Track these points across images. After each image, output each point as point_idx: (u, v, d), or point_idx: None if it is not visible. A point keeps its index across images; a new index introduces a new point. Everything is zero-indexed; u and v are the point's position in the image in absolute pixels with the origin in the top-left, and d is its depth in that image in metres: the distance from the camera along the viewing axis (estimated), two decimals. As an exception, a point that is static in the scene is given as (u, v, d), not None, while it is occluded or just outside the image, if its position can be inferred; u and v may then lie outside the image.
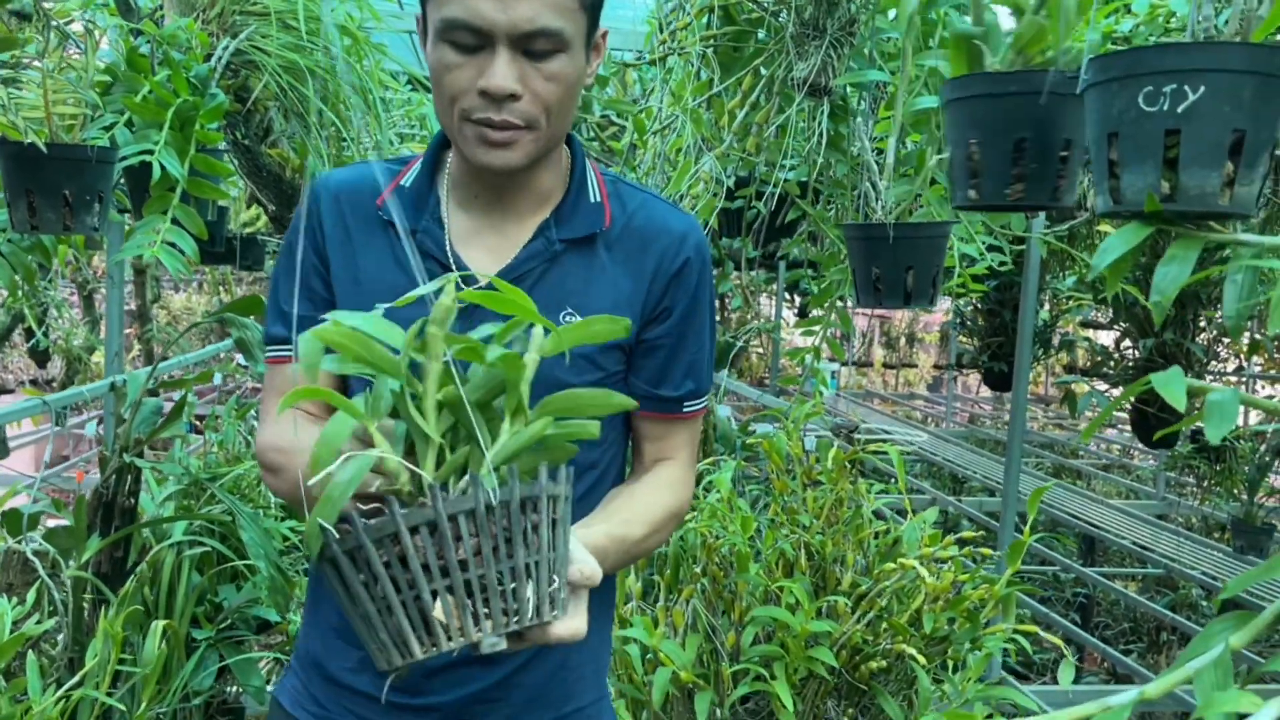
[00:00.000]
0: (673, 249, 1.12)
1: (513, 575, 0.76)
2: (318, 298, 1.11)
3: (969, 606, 1.69)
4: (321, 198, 1.12)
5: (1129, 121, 0.83)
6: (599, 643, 1.19)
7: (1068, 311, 4.45)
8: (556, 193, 1.13)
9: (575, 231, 1.11)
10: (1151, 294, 0.78)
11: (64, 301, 4.13)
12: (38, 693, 1.37)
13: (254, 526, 1.68)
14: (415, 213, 1.11)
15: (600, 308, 1.10)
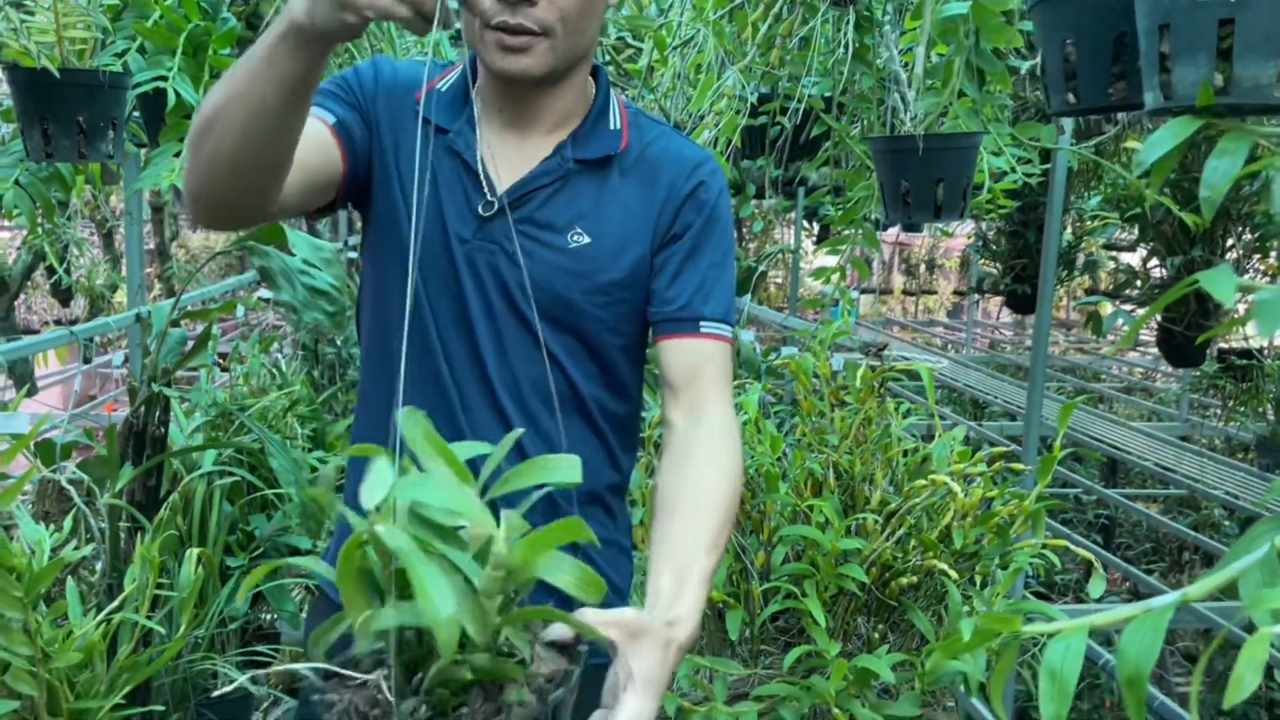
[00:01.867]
0: (686, 173, 1.14)
1: None
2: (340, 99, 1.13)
3: (998, 522, 1.69)
4: (381, 73, 1.15)
5: (1181, 11, 0.80)
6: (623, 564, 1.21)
7: (1092, 233, 4.38)
8: (577, 116, 1.15)
9: (590, 153, 1.13)
10: (1201, 189, 0.75)
11: (84, 240, 4.14)
12: (78, 616, 1.39)
13: (283, 454, 1.69)
14: (450, 116, 1.13)
15: (611, 229, 1.12)
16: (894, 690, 1.68)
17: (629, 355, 1.18)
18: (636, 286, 1.14)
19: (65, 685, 1.32)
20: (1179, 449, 5.15)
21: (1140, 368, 7.93)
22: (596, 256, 1.11)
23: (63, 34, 1.41)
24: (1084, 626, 0.75)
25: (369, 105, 1.14)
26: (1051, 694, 0.73)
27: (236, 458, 2.30)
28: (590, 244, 1.11)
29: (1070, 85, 1.06)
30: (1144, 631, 0.72)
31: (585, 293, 1.11)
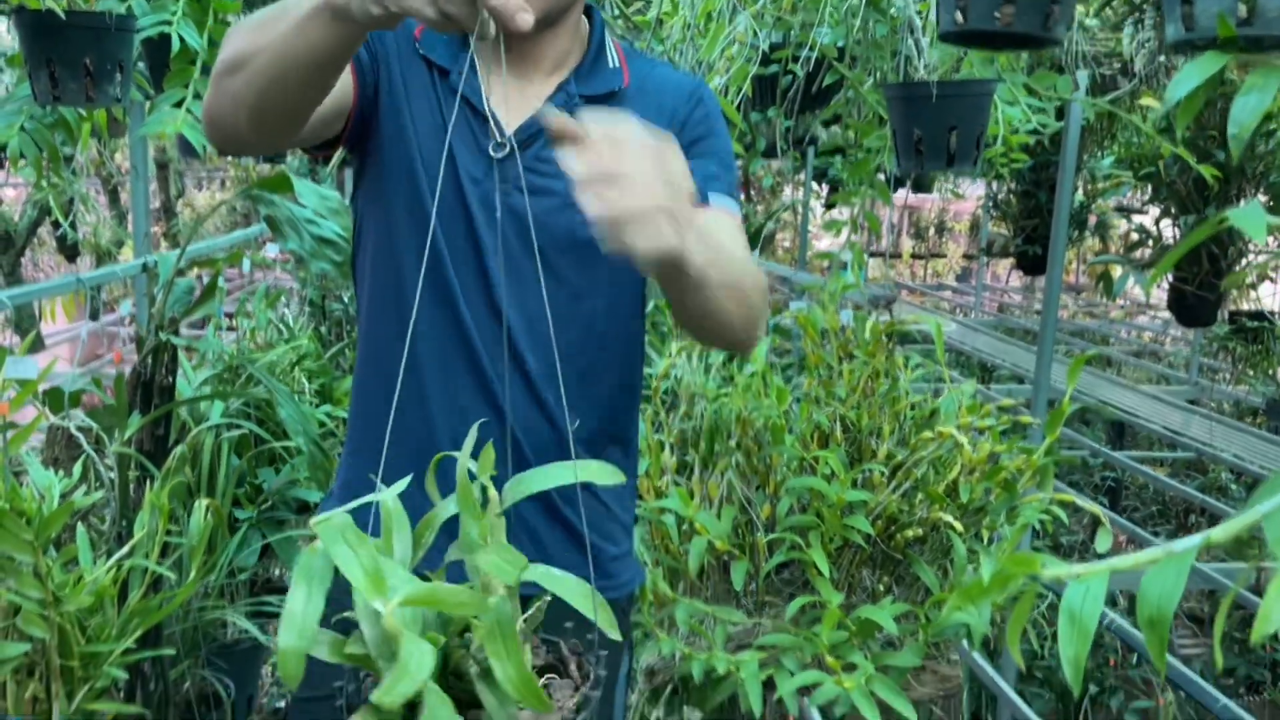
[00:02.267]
0: (684, 101, 1.18)
1: None
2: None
3: (1005, 477, 1.69)
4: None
5: (1204, -58, 0.78)
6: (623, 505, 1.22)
7: (1104, 193, 4.34)
8: (575, 56, 1.17)
9: (595, 89, 1.15)
10: (1229, 126, 0.74)
11: (89, 196, 4.13)
12: (89, 562, 1.39)
13: (291, 404, 1.69)
14: (450, 57, 1.14)
15: None
16: (897, 642, 1.69)
17: (638, 281, 1.20)
18: None
19: (76, 629, 1.33)
20: (1188, 412, 5.14)
21: (1149, 331, 7.90)
22: None
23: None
24: (1105, 570, 0.75)
25: (376, 40, 1.13)
26: (1071, 636, 0.72)
27: (244, 411, 2.30)
28: None
29: (960, 4, 1.06)
30: (1166, 574, 0.71)
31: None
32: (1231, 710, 2.71)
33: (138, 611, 1.41)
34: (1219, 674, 3.85)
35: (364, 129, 1.15)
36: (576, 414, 1.15)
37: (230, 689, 2.05)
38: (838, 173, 6.49)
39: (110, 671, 1.35)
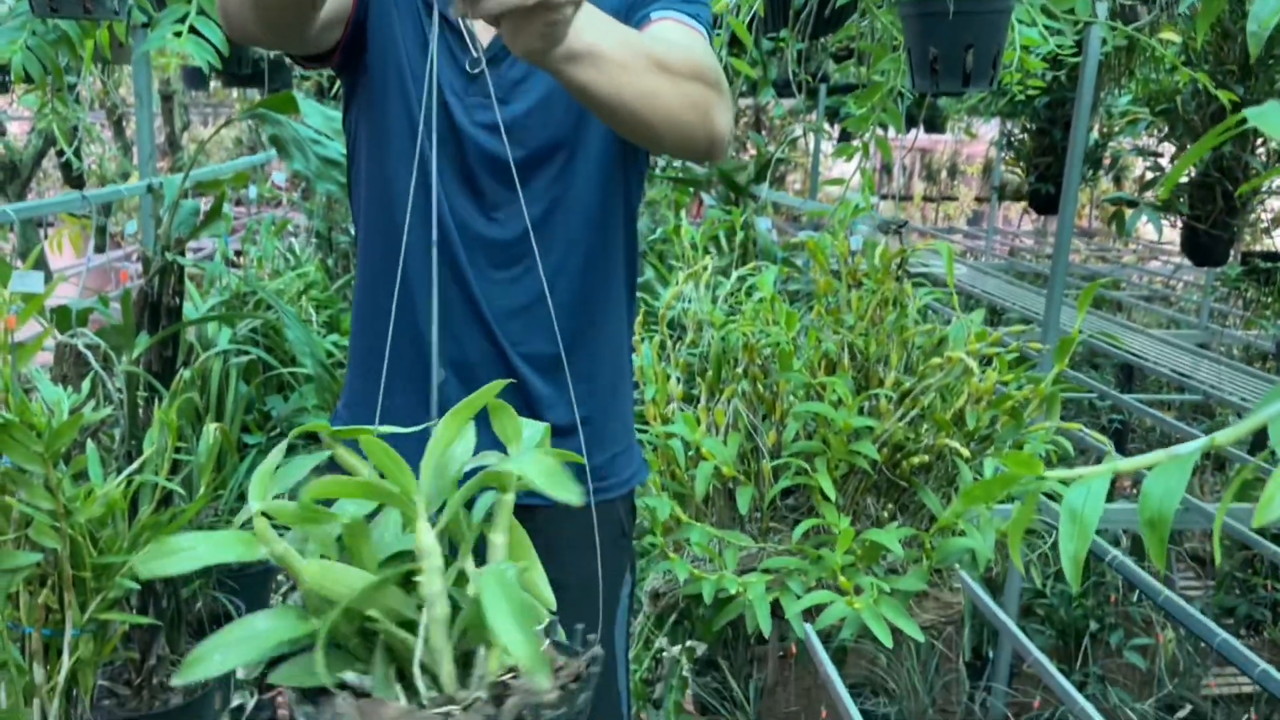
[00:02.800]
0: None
1: None
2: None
3: (1013, 406, 1.68)
4: None
5: None
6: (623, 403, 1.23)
7: (1120, 132, 4.28)
8: None
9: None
10: (1249, 23, 0.72)
11: (94, 126, 4.10)
12: (99, 477, 1.41)
13: (299, 327, 1.69)
14: None
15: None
16: (900, 568, 1.70)
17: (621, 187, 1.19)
18: None
19: (87, 541, 1.34)
20: (1197, 355, 5.13)
21: (1161, 276, 7.84)
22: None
23: (64, -120, 1.36)
24: (1108, 470, 0.75)
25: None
26: (1071, 533, 0.73)
27: (252, 337, 2.31)
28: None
29: None
30: (1169, 475, 0.71)
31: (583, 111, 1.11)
32: (1230, 645, 2.73)
33: (148, 525, 1.42)
34: (1219, 613, 3.88)
35: (358, 41, 1.15)
36: (570, 324, 1.15)
37: (241, 610, 2.08)
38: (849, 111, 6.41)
39: (122, 583, 1.37)
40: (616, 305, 1.26)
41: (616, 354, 1.28)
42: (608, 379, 1.28)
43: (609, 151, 1.17)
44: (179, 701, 1.77)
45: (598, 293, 1.22)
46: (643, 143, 1.07)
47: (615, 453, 1.25)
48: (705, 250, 1.98)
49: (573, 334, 1.20)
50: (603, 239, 1.19)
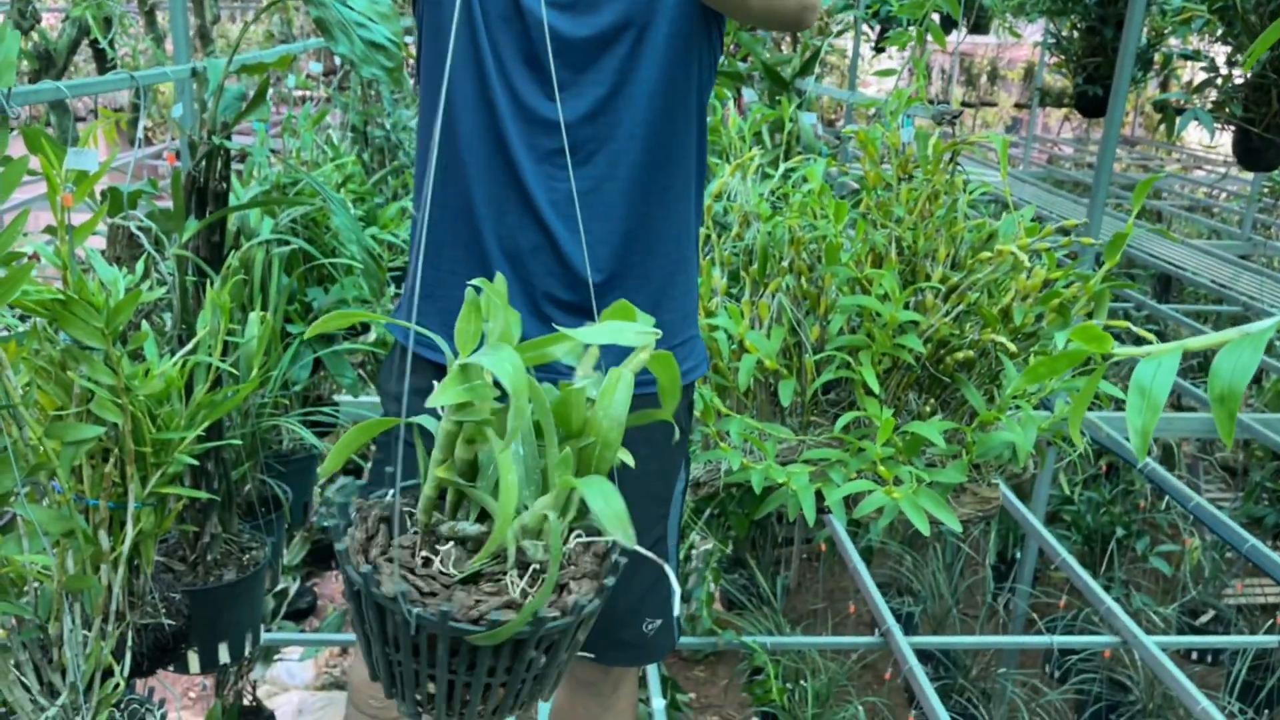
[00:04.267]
0: None
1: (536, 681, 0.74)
2: None
3: (1061, 302, 1.67)
4: None
5: None
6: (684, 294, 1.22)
7: (1174, 31, 4.14)
8: None
9: None
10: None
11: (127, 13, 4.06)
12: (155, 356, 1.43)
13: (345, 213, 1.69)
14: None
15: None
16: (941, 462, 1.71)
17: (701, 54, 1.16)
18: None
19: (147, 417, 1.37)
20: (1238, 267, 5.05)
21: (1204, 186, 7.68)
22: None
23: None
24: (1177, 348, 0.75)
25: None
26: (1140, 408, 0.73)
27: (292, 228, 2.31)
28: None
29: None
30: (1241, 351, 0.71)
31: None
32: (1260, 551, 2.75)
33: (204, 404, 1.45)
34: (1247, 522, 3.90)
35: None
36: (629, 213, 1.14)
37: (288, 494, 2.14)
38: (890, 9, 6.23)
39: (181, 458, 1.40)
40: (681, 196, 1.22)
41: (679, 245, 1.25)
42: (664, 270, 1.26)
43: (680, 33, 1.13)
44: (231, 578, 1.82)
45: (659, 182, 1.19)
46: (732, 9, 1.03)
47: (671, 345, 1.23)
48: (751, 144, 1.95)
49: (631, 224, 1.18)
50: (670, 125, 1.15)
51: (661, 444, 1.22)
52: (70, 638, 1.32)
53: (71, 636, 1.32)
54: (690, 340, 1.25)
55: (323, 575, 4.56)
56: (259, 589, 1.92)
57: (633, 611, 1.21)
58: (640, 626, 1.22)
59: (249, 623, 1.85)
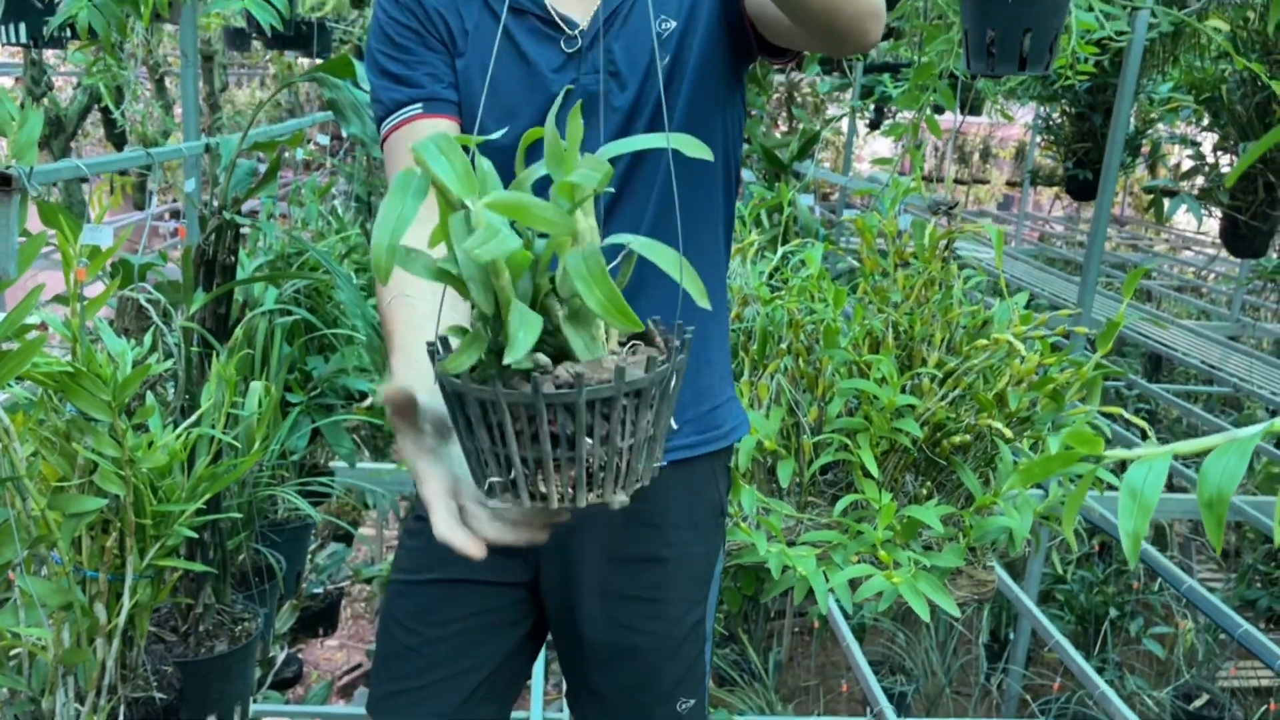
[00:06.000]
0: None
1: (647, 443, 0.75)
2: (418, 56, 1.12)
3: (1054, 388, 1.70)
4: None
5: None
6: (719, 357, 1.23)
7: (1162, 119, 4.25)
8: None
9: None
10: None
11: (139, 81, 4.13)
12: (159, 428, 1.45)
13: (350, 287, 1.72)
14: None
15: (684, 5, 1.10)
16: (936, 545, 1.72)
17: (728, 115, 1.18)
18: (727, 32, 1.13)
19: (148, 489, 1.38)
20: (1227, 348, 5.10)
21: (1193, 266, 7.79)
22: (686, 32, 1.11)
23: None
24: (1168, 452, 0.77)
25: (429, 26, 1.11)
26: (1131, 511, 0.75)
27: (295, 298, 2.34)
28: (676, 26, 1.11)
29: None
30: (1228, 457, 0.73)
31: (688, 70, 1.11)
32: (1252, 636, 2.74)
33: (205, 477, 1.46)
34: (1240, 605, 3.89)
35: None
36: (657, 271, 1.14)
37: (282, 564, 2.13)
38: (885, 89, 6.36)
39: (180, 530, 1.41)
40: (712, 251, 1.21)
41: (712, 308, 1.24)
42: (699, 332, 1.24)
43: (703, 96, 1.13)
44: (223, 649, 1.81)
45: (691, 239, 1.19)
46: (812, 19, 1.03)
47: (714, 406, 1.21)
48: (750, 226, 1.99)
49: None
50: (697, 186, 1.16)
51: (705, 525, 1.22)
52: (63, 711, 1.31)
53: (65, 710, 1.31)
54: (729, 401, 1.24)
55: (309, 642, 4.51)
56: (250, 660, 1.91)
57: (669, 693, 1.21)
58: (675, 705, 1.22)
59: (239, 694, 1.84)
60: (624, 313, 0.68)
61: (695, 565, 1.22)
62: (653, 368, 0.72)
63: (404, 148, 1.12)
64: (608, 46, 1.09)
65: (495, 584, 1.20)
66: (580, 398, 0.69)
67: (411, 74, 1.12)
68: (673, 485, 1.17)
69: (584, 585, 1.18)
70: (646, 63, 1.10)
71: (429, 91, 1.11)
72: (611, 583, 1.18)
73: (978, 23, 1.44)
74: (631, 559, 1.18)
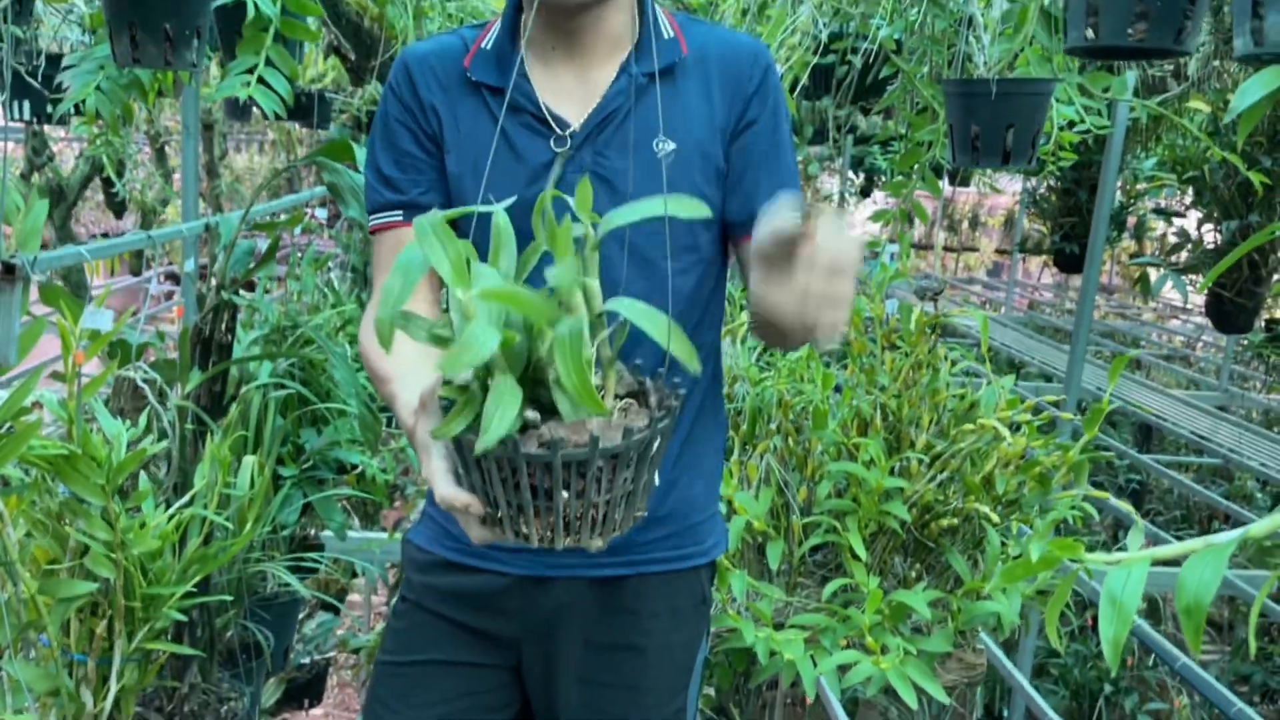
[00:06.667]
0: (748, 68, 1.16)
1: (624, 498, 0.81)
2: (410, 161, 1.17)
3: (1041, 472, 1.72)
4: (412, 68, 1.17)
5: (1280, -42, 0.80)
6: (712, 466, 1.24)
7: (1144, 195, 4.33)
8: (628, 36, 1.16)
9: (655, 64, 1.14)
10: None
11: (138, 151, 4.19)
12: (151, 508, 1.45)
13: (345, 366, 1.74)
14: (501, 73, 1.14)
15: (692, 133, 1.14)
16: (925, 628, 1.72)
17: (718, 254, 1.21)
18: (719, 182, 1.15)
19: (139, 572, 1.38)
20: (1216, 418, 5.13)
21: (1181, 336, 7.85)
22: (685, 161, 1.13)
23: (153, -60, 1.43)
24: (1146, 557, 0.78)
25: (422, 119, 1.15)
26: (1111, 618, 0.76)
27: (290, 371, 2.35)
28: (676, 149, 1.12)
29: (1091, 21, 1.06)
30: (1205, 564, 0.75)
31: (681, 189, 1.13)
32: (1246, 715, 2.73)
33: (195, 559, 1.46)
34: (1234, 680, 3.86)
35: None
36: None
37: (270, 640, 2.11)
38: (874, 161, 6.44)
39: (169, 613, 1.40)
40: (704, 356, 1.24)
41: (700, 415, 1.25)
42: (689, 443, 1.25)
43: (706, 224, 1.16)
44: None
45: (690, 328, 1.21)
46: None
47: (699, 520, 1.22)
48: (741, 306, 2.02)
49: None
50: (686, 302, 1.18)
51: (687, 613, 1.23)
52: (45, 801, 1.29)
53: (46, 799, 1.29)
54: (713, 517, 1.26)
55: (294, 714, 4.44)
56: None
57: None
58: None
59: (224, 777, 1.81)
60: (592, 398, 0.75)
61: (675, 654, 1.22)
62: (629, 436, 0.78)
63: (386, 248, 1.19)
64: (599, 150, 1.12)
65: (479, 667, 1.21)
66: (556, 459, 0.75)
67: (400, 177, 1.16)
68: (654, 591, 1.19)
69: (564, 672, 1.19)
70: (638, 177, 1.12)
71: (410, 198, 1.16)
72: (591, 670, 1.18)
73: (962, 118, 1.48)
74: (610, 646, 1.19)
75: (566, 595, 1.18)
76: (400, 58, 1.19)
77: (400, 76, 1.16)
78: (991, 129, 1.45)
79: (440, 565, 1.22)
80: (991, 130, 1.45)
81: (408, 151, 1.16)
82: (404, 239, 1.16)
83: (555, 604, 1.18)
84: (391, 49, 2.32)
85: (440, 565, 1.22)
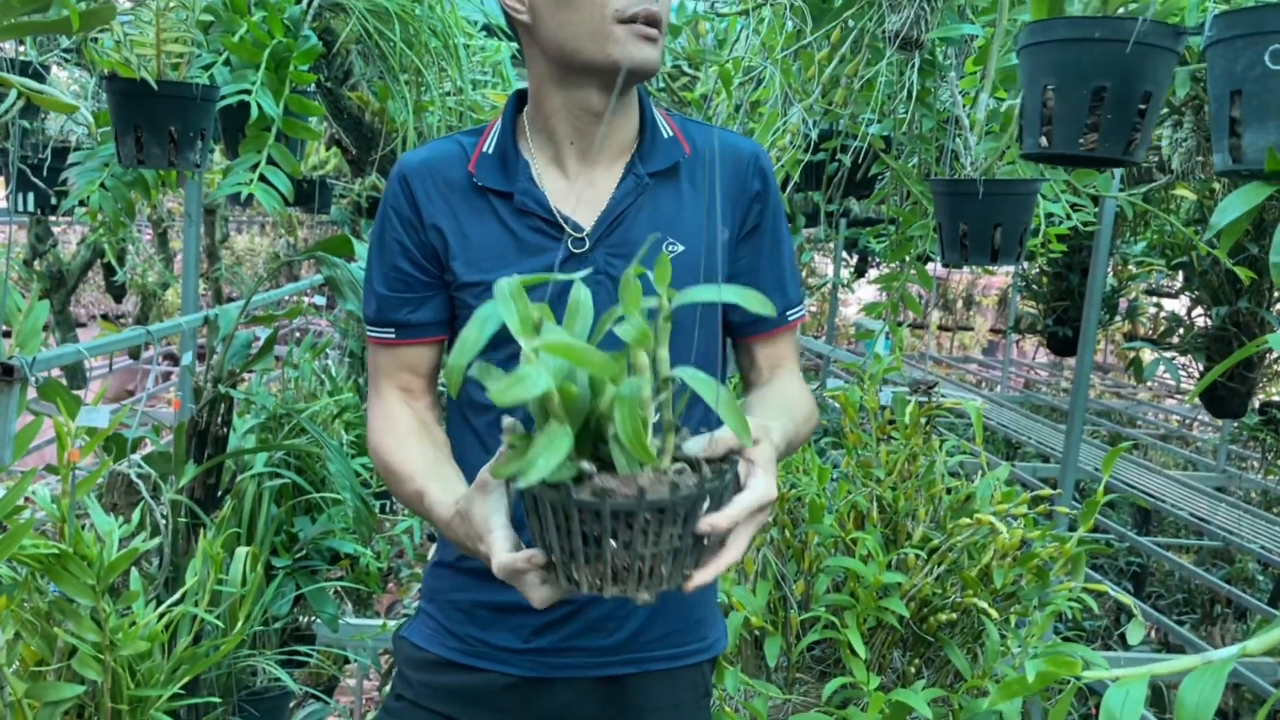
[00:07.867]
0: (749, 170, 1.20)
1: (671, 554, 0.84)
2: (403, 279, 1.17)
3: (1038, 564, 1.71)
4: (409, 178, 1.16)
5: (1253, 79, 0.83)
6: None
7: (1135, 278, 4.37)
8: (633, 137, 1.18)
9: (659, 164, 1.17)
10: (1272, 254, 0.78)
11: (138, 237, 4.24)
12: (141, 607, 1.44)
13: (340, 459, 1.74)
14: (506, 177, 1.15)
15: (698, 233, 1.15)
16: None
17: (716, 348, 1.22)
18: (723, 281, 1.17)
19: (127, 673, 1.36)
20: (1215, 499, 5.11)
21: (1177, 415, 7.85)
22: (692, 262, 1.14)
23: (162, 48, 1.47)
24: (1144, 674, 0.78)
25: (422, 234, 1.15)
26: (1112, 734, 0.75)
27: (285, 460, 2.35)
28: (685, 251, 1.14)
29: (1045, 130, 1.10)
30: (1204, 682, 0.74)
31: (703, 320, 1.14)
32: (1257, 809, 2.66)
33: (185, 659, 1.44)
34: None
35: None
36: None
37: (259, 736, 2.08)
38: (867, 243, 6.52)
39: (157, 716, 1.38)
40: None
41: None
42: None
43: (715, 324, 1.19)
44: (193, 833, 1.75)
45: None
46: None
47: (701, 616, 1.23)
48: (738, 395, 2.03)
49: None
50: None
51: (687, 706, 1.22)
52: None
53: None
54: (714, 613, 1.26)
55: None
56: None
57: None
58: None
59: None
60: (643, 449, 0.79)
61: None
62: (675, 491, 0.81)
63: (383, 358, 1.20)
64: (610, 251, 1.13)
65: None
66: (605, 506, 0.79)
67: (390, 296, 1.17)
68: (657, 687, 1.18)
69: None
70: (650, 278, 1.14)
71: (400, 318, 1.17)
72: None
73: (951, 218, 1.51)
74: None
75: (569, 695, 1.17)
76: (398, 169, 1.18)
77: (399, 190, 1.15)
78: (979, 228, 1.48)
79: (440, 664, 1.20)
80: (979, 229, 1.48)
81: (402, 270, 1.16)
82: (399, 356, 1.18)
83: (557, 704, 1.18)
84: (392, 143, 2.37)
85: (440, 664, 1.20)
